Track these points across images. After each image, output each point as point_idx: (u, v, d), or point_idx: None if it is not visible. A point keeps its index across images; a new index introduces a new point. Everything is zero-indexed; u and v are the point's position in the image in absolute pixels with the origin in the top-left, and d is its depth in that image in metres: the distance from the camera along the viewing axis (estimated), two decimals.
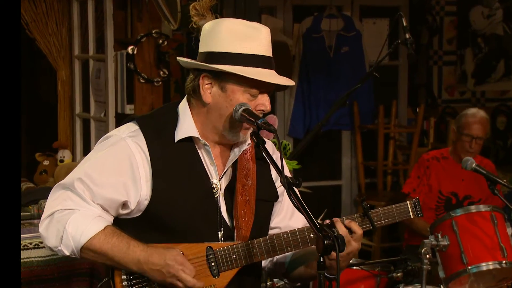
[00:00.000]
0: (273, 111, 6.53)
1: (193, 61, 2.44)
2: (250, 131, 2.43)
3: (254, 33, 2.38)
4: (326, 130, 6.43)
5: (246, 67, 2.35)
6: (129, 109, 5.06)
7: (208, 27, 2.43)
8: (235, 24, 2.41)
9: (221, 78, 2.38)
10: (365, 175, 6.60)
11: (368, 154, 6.59)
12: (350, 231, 2.44)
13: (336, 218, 2.48)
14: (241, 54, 2.36)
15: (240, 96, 2.37)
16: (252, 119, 2.34)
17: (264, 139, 2.44)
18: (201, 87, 2.41)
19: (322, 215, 3.94)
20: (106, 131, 4.96)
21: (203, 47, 2.43)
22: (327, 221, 2.46)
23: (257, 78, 2.33)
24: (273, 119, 3.92)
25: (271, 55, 2.40)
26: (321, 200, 6.38)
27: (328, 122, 4.24)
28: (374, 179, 6.64)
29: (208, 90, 2.41)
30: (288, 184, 2.21)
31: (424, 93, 7.12)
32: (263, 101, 2.39)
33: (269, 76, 2.36)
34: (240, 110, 2.36)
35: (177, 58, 2.49)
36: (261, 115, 2.39)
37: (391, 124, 6.59)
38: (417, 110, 6.65)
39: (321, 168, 6.83)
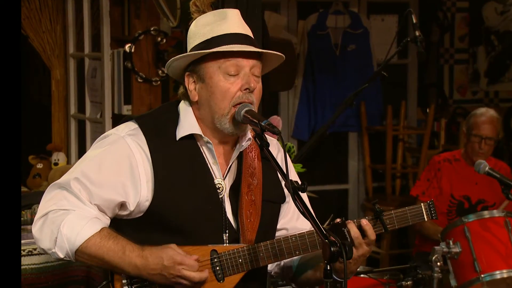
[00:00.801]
0: (276, 111, 6.59)
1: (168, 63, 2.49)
2: (237, 123, 2.42)
3: (219, 17, 2.43)
4: (332, 131, 6.44)
5: (217, 47, 2.39)
6: (126, 109, 5.06)
7: (190, 27, 2.50)
8: (203, 17, 2.47)
9: (198, 69, 2.43)
10: (372, 178, 6.59)
11: (376, 156, 6.59)
12: (363, 234, 2.43)
13: (350, 221, 2.47)
14: (208, 39, 2.41)
15: (218, 79, 2.40)
16: (255, 121, 2.34)
17: (269, 137, 2.45)
18: (187, 87, 2.47)
19: (328, 220, 3.93)
20: (102, 133, 4.92)
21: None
22: (338, 220, 2.45)
23: (217, 50, 2.36)
24: (276, 120, 3.92)
25: (242, 31, 2.43)
26: (327, 204, 6.38)
27: (334, 124, 4.23)
28: (382, 183, 6.63)
29: (193, 88, 2.46)
30: (293, 189, 2.21)
31: (434, 93, 7.12)
32: (245, 79, 2.40)
33: (235, 47, 2.38)
34: (243, 112, 2.38)
35: (167, 64, 2.51)
36: (248, 99, 2.39)
37: (400, 126, 6.59)
38: (427, 110, 6.65)
39: (327, 172, 6.83)
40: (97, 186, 2.38)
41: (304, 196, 2.35)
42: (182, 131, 2.46)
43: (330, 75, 6.54)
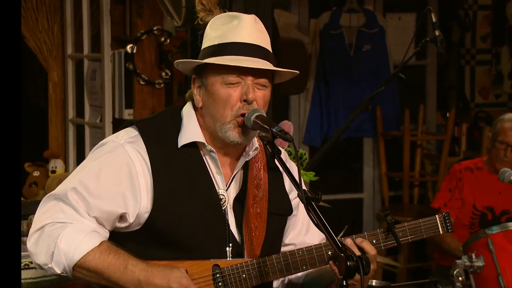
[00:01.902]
0: (287, 116, 6.59)
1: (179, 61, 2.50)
2: (252, 132, 2.43)
3: (232, 21, 2.44)
4: (345, 137, 6.42)
5: (221, 57, 2.40)
6: (127, 114, 5.07)
7: (207, 26, 2.51)
8: (218, 18, 2.49)
9: (203, 75, 2.45)
10: (389, 187, 6.58)
11: (392, 164, 6.58)
12: (363, 251, 2.44)
13: (349, 240, 2.47)
14: (215, 45, 2.42)
15: (220, 88, 2.41)
16: (266, 127, 2.35)
17: (279, 148, 2.45)
18: (194, 91, 2.49)
19: (343, 232, 3.93)
20: (102, 139, 4.91)
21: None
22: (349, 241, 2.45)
23: (219, 62, 2.38)
24: (287, 126, 3.92)
25: (255, 42, 2.43)
26: (340, 215, 6.37)
27: (348, 129, 4.22)
28: (399, 192, 6.63)
29: (198, 93, 2.48)
30: (307, 199, 2.21)
31: (455, 96, 7.11)
32: (245, 90, 2.41)
33: (240, 61, 2.39)
34: (253, 117, 2.38)
35: (175, 62, 2.53)
36: (245, 107, 2.39)
37: (418, 131, 6.58)
38: (447, 115, 6.64)
39: (341, 180, 6.83)
40: (95, 197, 2.39)
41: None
42: (184, 139, 2.46)
43: (344, 77, 6.54)
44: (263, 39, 2.46)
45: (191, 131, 2.47)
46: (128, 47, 5.04)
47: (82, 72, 5.38)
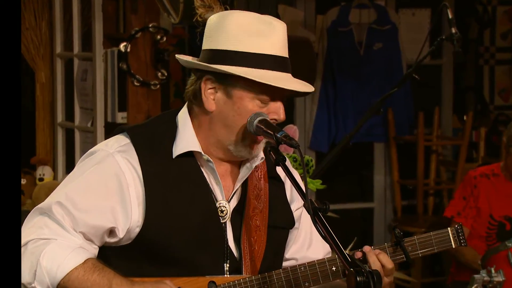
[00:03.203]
0: (292, 120, 6.60)
1: (194, 60, 2.45)
2: (262, 145, 2.43)
3: (267, 29, 2.39)
4: (355, 142, 6.42)
5: (257, 70, 2.36)
6: (121, 117, 5.08)
7: (214, 20, 2.45)
8: (246, 18, 2.42)
9: (227, 82, 2.40)
10: (401, 196, 6.59)
11: (405, 171, 6.59)
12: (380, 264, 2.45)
13: (368, 248, 2.49)
14: (251, 53, 2.37)
15: (248, 104, 2.39)
16: (270, 132, 2.34)
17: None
18: (203, 92, 2.43)
19: (351, 244, 3.94)
20: (94, 144, 4.97)
21: (207, 44, 2.44)
22: (359, 253, 2.46)
23: (270, 83, 2.34)
24: (292, 130, 3.93)
25: (286, 55, 2.42)
26: (349, 226, 6.37)
27: (358, 133, 4.23)
28: (413, 201, 6.63)
29: (211, 96, 2.42)
30: (314, 210, 2.21)
31: (472, 98, 7.11)
32: (276, 109, 2.40)
33: (283, 80, 2.37)
34: (256, 121, 2.37)
35: (176, 56, 2.50)
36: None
37: (433, 135, 6.58)
38: (465, 118, 6.64)
39: (349, 188, 6.83)
40: (82, 211, 2.38)
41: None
42: (179, 148, 2.45)
43: (353, 77, 6.54)
44: (287, 50, 2.44)
45: (186, 139, 2.45)
46: (122, 46, 5.05)
47: (72, 72, 5.40)
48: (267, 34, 2.39)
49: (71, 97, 5.43)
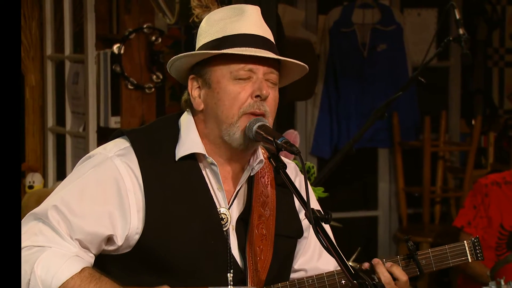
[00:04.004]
0: (293, 124, 6.60)
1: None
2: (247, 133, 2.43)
3: (234, 12, 2.46)
4: (358, 147, 6.43)
5: (230, 49, 2.41)
6: (114, 122, 5.08)
7: (201, 24, 2.53)
8: (216, 13, 2.51)
9: (204, 73, 2.46)
10: (407, 204, 6.59)
11: (411, 178, 6.59)
12: (393, 277, 2.46)
13: (377, 260, 2.49)
14: (219, 38, 2.44)
15: (227, 84, 2.42)
16: (270, 138, 2.35)
17: (284, 159, 2.46)
18: (190, 92, 2.49)
19: (355, 255, 3.94)
20: (86, 150, 4.98)
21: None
22: (367, 264, 2.46)
23: (229, 52, 2.38)
24: (293, 135, 3.93)
25: (263, 34, 2.46)
26: (353, 235, 6.37)
27: (362, 139, 4.24)
28: (419, 210, 6.63)
29: (197, 94, 2.48)
30: (315, 219, 2.22)
31: (481, 102, 7.12)
32: (257, 85, 2.42)
33: (253, 51, 2.40)
34: (255, 127, 2.39)
35: (171, 59, 2.54)
36: (260, 109, 2.41)
37: (440, 141, 6.59)
38: (473, 122, 6.65)
39: (353, 196, 6.83)
40: (79, 217, 2.39)
41: (327, 227, 2.36)
42: (182, 150, 2.46)
43: (356, 80, 6.55)
44: (269, 33, 2.49)
45: (190, 141, 2.47)
46: (115, 47, 5.06)
47: (63, 75, 5.39)
48: (236, 17, 2.45)
49: (62, 101, 5.42)
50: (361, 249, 4.04)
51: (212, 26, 2.48)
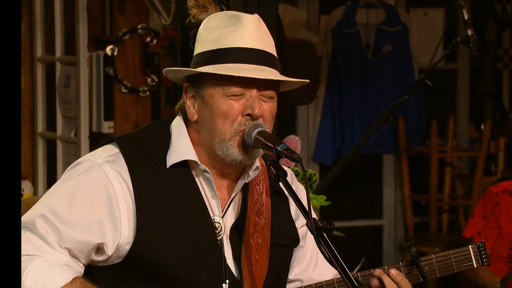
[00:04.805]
0: (294, 129, 6.60)
1: (171, 69, 2.52)
2: (247, 149, 2.43)
3: (231, 21, 2.46)
4: (362, 154, 6.43)
5: (222, 65, 2.41)
6: (107, 127, 5.09)
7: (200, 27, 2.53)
8: (213, 18, 2.50)
9: (199, 85, 2.47)
10: (413, 212, 6.59)
11: (417, 185, 6.59)
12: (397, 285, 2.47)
13: (378, 270, 2.49)
14: (213, 50, 2.44)
15: (220, 100, 2.42)
16: (270, 145, 2.35)
17: (284, 168, 2.46)
18: (185, 101, 2.50)
19: (359, 266, 3.94)
20: (78, 156, 4.98)
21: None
22: (375, 281, 2.46)
23: (222, 73, 2.38)
24: (294, 141, 3.94)
25: (262, 47, 2.45)
26: (356, 245, 6.37)
27: (366, 144, 4.24)
28: (426, 218, 6.63)
29: (192, 104, 2.49)
30: (317, 230, 2.22)
31: (490, 106, 7.12)
32: (249, 103, 2.42)
33: (247, 70, 2.40)
34: (254, 133, 2.39)
35: (164, 70, 2.55)
36: (248, 123, 2.41)
37: (448, 146, 6.59)
38: (482, 127, 6.65)
39: (357, 204, 6.83)
40: (68, 225, 2.39)
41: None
42: (174, 157, 2.47)
43: (360, 83, 6.55)
44: (269, 43, 2.48)
45: (181, 148, 2.48)
46: (108, 49, 5.06)
47: (54, 77, 5.39)
48: (232, 28, 2.45)
49: (52, 105, 5.42)
50: (365, 259, 4.04)
51: (209, 33, 2.47)
